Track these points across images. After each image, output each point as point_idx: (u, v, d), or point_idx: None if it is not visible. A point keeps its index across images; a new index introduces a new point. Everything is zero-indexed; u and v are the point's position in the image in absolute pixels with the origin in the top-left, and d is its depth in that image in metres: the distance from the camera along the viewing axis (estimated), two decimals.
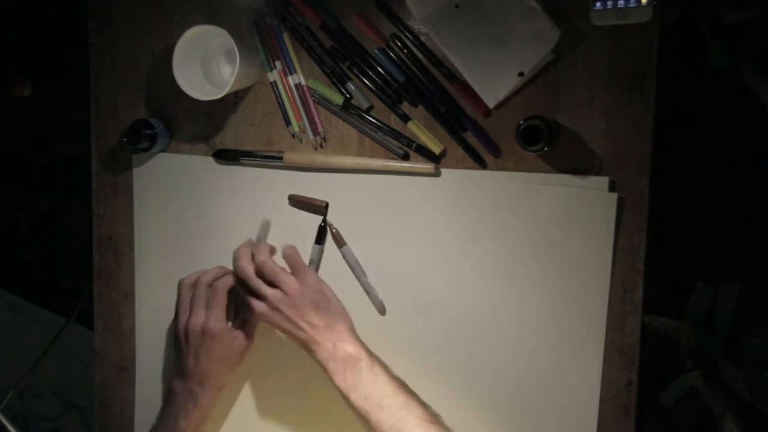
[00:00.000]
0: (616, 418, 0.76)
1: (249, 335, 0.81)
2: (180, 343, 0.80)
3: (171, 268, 0.88)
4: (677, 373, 1.34)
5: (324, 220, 0.82)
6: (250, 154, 0.84)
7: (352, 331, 0.77)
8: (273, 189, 0.84)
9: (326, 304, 0.77)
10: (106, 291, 0.91)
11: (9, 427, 1.00)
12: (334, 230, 0.82)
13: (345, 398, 0.73)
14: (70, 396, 1.73)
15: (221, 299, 0.79)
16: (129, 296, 0.90)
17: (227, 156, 0.85)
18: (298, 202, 0.83)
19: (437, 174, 0.79)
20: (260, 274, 0.78)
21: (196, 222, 0.87)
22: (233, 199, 0.86)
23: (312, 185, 0.83)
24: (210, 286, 0.80)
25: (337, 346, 0.74)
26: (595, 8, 0.67)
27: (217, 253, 0.86)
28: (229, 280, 0.81)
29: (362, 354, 0.74)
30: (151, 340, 0.90)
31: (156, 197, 0.88)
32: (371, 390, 0.72)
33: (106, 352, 0.92)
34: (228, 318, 0.80)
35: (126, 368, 0.91)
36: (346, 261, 0.82)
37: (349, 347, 0.74)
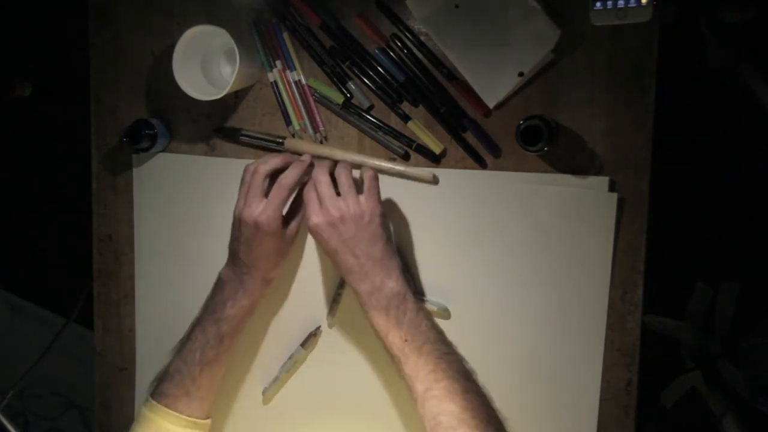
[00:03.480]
0: (616, 418, 0.76)
1: (296, 229, 0.78)
2: (233, 230, 0.77)
3: (171, 268, 0.88)
4: (677, 373, 1.34)
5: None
6: (251, 135, 0.84)
7: (402, 271, 0.73)
8: None
9: (385, 237, 0.72)
10: (106, 291, 0.91)
11: (9, 427, 1.00)
12: None
13: (381, 336, 0.71)
14: (70, 396, 1.73)
15: (281, 195, 0.74)
16: (129, 296, 0.90)
17: (228, 133, 0.85)
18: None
19: (435, 182, 0.79)
20: (322, 185, 0.73)
21: (196, 222, 0.87)
22: (233, 199, 0.85)
23: None
24: (269, 176, 0.75)
25: (384, 282, 0.70)
26: (595, 8, 0.67)
27: (217, 253, 0.86)
28: (293, 176, 0.75)
29: (410, 295, 0.71)
30: (151, 340, 0.90)
31: (156, 197, 0.88)
32: (413, 332, 0.69)
33: (106, 352, 0.92)
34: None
35: (126, 368, 0.91)
36: None
37: (398, 286, 0.71)
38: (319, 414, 0.84)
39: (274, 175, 0.75)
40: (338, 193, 0.73)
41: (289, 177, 0.74)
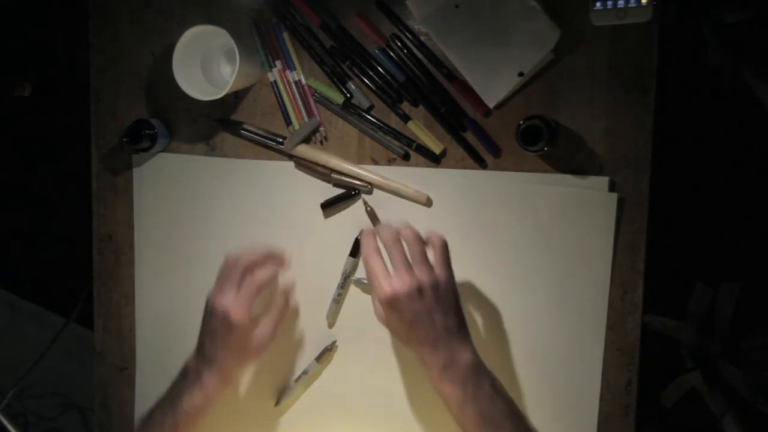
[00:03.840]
0: (616, 418, 0.76)
1: (269, 335, 0.75)
2: (204, 319, 0.75)
3: (171, 268, 0.88)
4: (677, 373, 1.34)
5: (361, 233, 0.78)
6: (251, 130, 0.83)
7: (472, 345, 0.69)
8: (274, 189, 0.84)
9: (459, 304, 0.69)
10: (106, 291, 0.91)
11: (9, 427, 1.00)
12: (369, 208, 0.80)
13: (454, 409, 0.67)
14: (70, 396, 1.73)
15: (253, 288, 0.73)
16: (129, 296, 0.90)
17: (228, 125, 0.84)
18: (303, 166, 0.82)
19: (428, 205, 0.79)
20: (393, 252, 0.69)
21: (196, 222, 0.87)
22: (233, 199, 0.86)
23: (313, 184, 0.83)
24: (248, 269, 0.74)
25: (460, 354, 0.66)
26: (595, 8, 0.67)
27: (217, 253, 0.86)
28: (268, 273, 0.75)
29: (484, 366, 0.68)
30: (151, 340, 0.90)
31: (156, 197, 0.88)
32: (490, 406, 0.66)
33: (106, 352, 0.92)
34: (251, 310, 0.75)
35: (126, 368, 0.91)
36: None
37: (473, 357, 0.67)
38: (329, 423, 0.84)
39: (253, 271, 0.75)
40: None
41: (264, 273, 0.75)
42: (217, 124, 0.85)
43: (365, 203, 0.80)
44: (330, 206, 0.82)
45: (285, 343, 0.84)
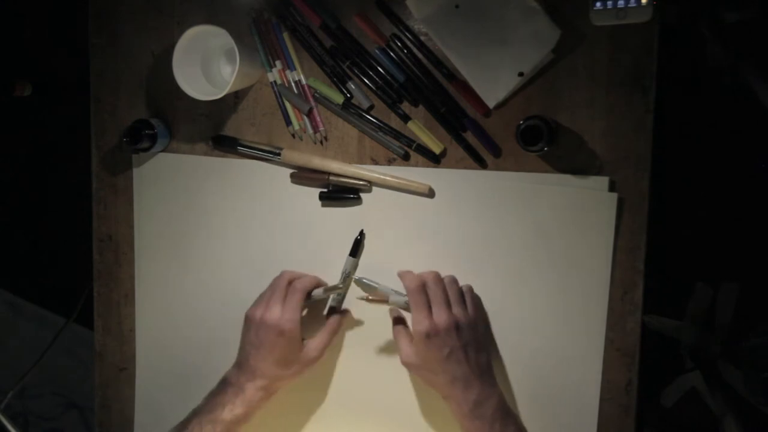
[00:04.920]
0: (616, 418, 0.76)
1: (320, 350, 0.78)
2: (247, 334, 0.77)
3: (171, 268, 0.88)
4: (677, 373, 1.34)
5: (361, 233, 0.81)
6: (248, 145, 0.84)
7: (497, 385, 0.72)
8: (274, 189, 0.84)
9: (489, 343, 0.73)
10: (106, 291, 0.91)
11: (9, 427, 1.00)
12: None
13: None
14: (70, 396, 1.73)
15: (297, 300, 0.76)
16: (129, 296, 0.90)
17: (225, 142, 0.85)
18: (299, 178, 0.82)
19: (431, 196, 0.79)
20: (432, 289, 0.73)
21: (196, 222, 0.87)
22: (233, 199, 0.86)
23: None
24: (296, 288, 0.77)
25: (490, 393, 0.70)
26: (595, 8, 0.67)
27: (217, 253, 0.87)
28: (308, 282, 0.78)
29: (509, 407, 0.71)
30: (151, 340, 0.90)
31: (156, 197, 0.88)
32: None
33: (106, 352, 0.92)
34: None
35: (126, 368, 0.91)
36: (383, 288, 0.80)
37: (501, 397, 0.71)
38: (331, 423, 0.84)
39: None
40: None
41: (304, 281, 0.78)
42: (212, 145, 0.85)
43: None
44: (328, 199, 0.82)
45: None
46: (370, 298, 0.79)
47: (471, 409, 0.69)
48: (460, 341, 0.70)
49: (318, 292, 0.79)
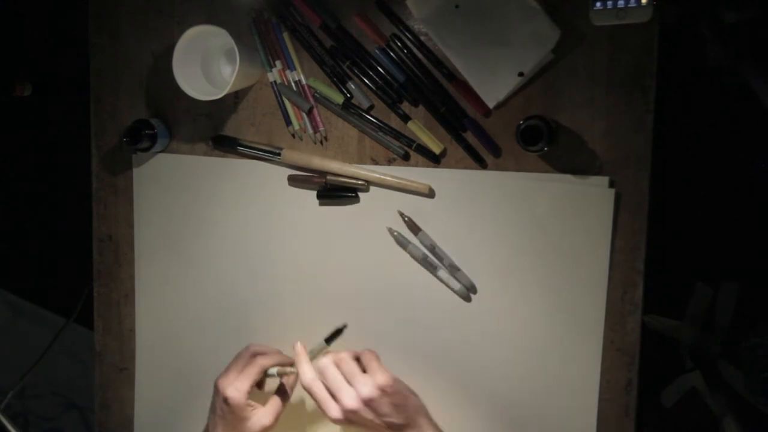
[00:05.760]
0: (616, 418, 0.76)
1: (269, 422, 0.76)
2: (211, 399, 0.78)
3: (171, 268, 0.88)
4: (677, 373, 1.34)
5: (344, 325, 0.77)
6: (247, 145, 0.84)
7: (431, 419, 0.75)
8: (273, 189, 0.84)
9: (405, 401, 0.73)
10: (106, 291, 0.91)
11: (9, 427, 1.00)
12: (406, 218, 0.80)
13: None
14: (70, 396, 1.73)
15: (253, 373, 0.76)
16: (129, 296, 0.90)
17: (225, 143, 0.85)
18: (297, 181, 0.83)
19: (431, 196, 0.79)
20: (329, 376, 0.73)
21: (196, 222, 0.87)
22: (233, 198, 0.86)
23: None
24: (258, 363, 0.78)
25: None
26: (595, 8, 0.67)
27: (216, 253, 0.87)
28: (269, 360, 0.78)
29: None
30: (151, 340, 0.90)
31: (156, 197, 0.88)
32: None
33: (106, 352, 0.92)
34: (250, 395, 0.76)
35: (126, 368, 0.91)
36: (423, 245, 0.79)
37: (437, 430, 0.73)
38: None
39: None
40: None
41: (267, 358, 0.78)
42: (212, 145, 0.85)
43: (402, 214, 0.80)
44: (326, 198, 0.82)
45: (269, 321, 0.84)
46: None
47: None
48: (380, 410, 0.71)
49: (272, 372, 0.78)
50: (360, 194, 0.81)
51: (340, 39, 0.81)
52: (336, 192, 0.81)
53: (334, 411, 0.71)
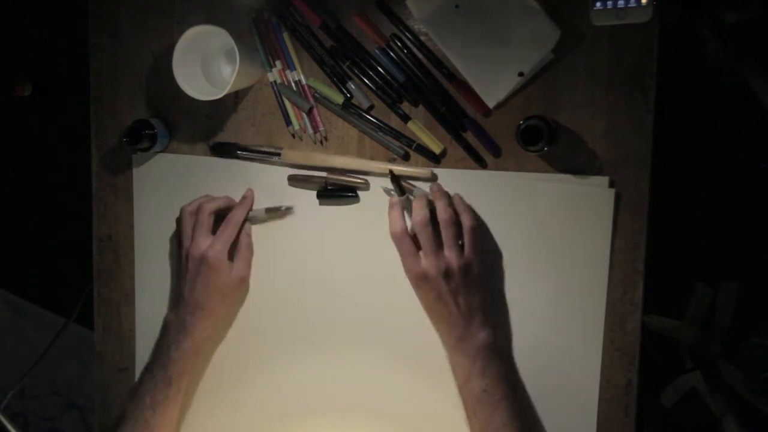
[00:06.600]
0: (616, 418, 0.76)
1: (246, 270, 0.81)
2: (178, 269, 0.80)
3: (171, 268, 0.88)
4: (677, 373, 1.34)
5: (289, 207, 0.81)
6: (247, 149, 0.84)
7: (500, 326, 0.75)
8: (273, 189, 0.84)
9: (486, 288, 0.72)
10: (106, 291, 0.91)
11: (9, 427, 1.00)
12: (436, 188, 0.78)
13: (459, 382, 0.72)
14: (70, 396, 1.73)
15: (229, 231, 0.79)
16: (129, 296, 0.90)
17: (224, 149, 0.85)
18: (297, 181, 0.83)
19: (434, 179, 0.79)
20: (424, 235, 0.72)
21: None
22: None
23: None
24: (213, 214, 0.80)
25: (477, 331, 0.71)
26: (595, 8, 0.67)
27: None
28: (241, 214, 0.81)
29: (501, 351, 0.72)
30: (151, 340, 0.89)
31: (156, 197, 0.88)
32: (494, 385, 0.69)
33: (106, 352, 0.92)
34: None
35: (126, 368, 0.91)
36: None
37: (490, 337, 0.71)
38: (320, 425, 0.84)
39: (217, 216, 0.80)
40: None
41: (238, 214, 0.80)
42: (212, 152, 0.85)
43: (427, 189, 0.78)
44: (326, 197, 0.82)
45: (272, 325, 0.84)
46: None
47: (454, 344, 0.72)
48: (448, 286, 0.71)
49: (260, 213, 0.81)
50: (360, 194, 0.81)
51: (340, 39, 0.81)
52: (336, 191, 0.82)
53: (415, 268, 0.72)
